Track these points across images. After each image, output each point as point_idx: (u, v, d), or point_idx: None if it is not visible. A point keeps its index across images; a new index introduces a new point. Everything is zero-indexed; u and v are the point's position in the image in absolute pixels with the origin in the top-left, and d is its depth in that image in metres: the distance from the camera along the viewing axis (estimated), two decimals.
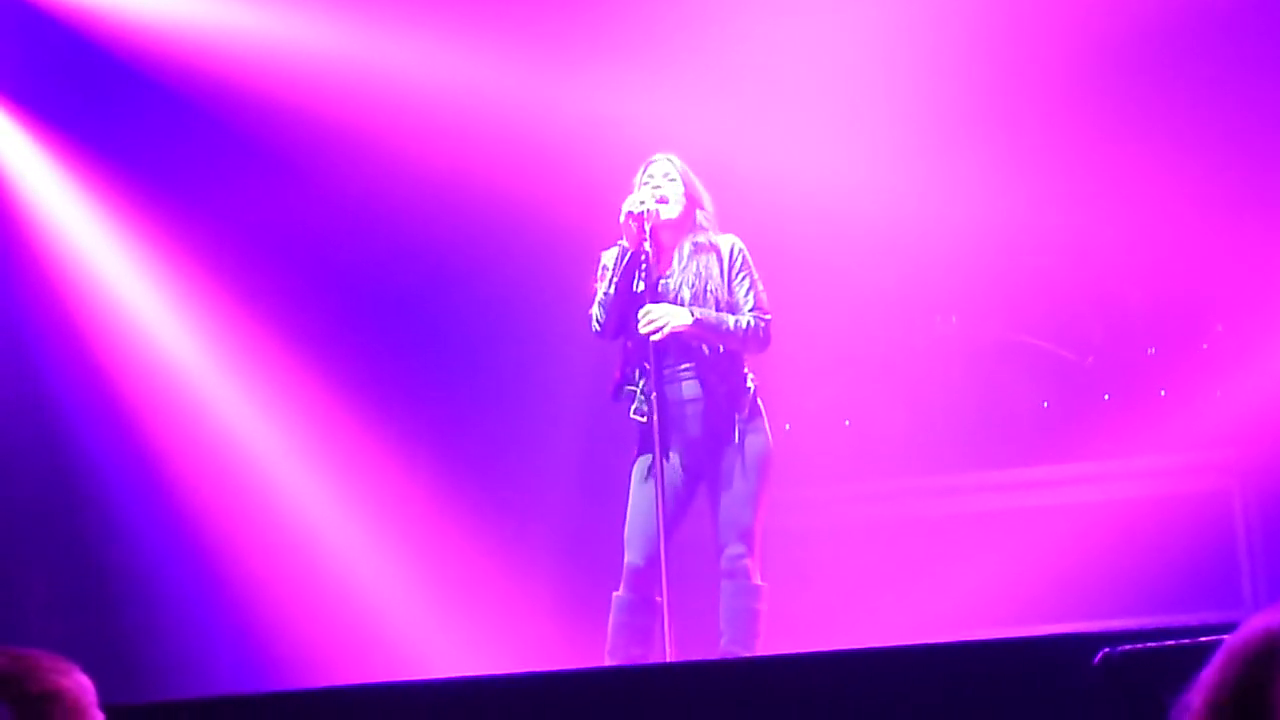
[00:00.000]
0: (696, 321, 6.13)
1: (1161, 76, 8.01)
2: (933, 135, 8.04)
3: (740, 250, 6.31)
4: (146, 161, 8.16)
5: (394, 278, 8.41)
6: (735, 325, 6.18)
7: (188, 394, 8.17)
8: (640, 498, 6.18)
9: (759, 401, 6.22)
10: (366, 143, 8.18)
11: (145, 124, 8.17)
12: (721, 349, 6.20)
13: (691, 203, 6.34)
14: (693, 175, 6.39)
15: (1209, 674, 2.09)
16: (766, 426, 6.22)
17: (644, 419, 6.14)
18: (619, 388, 6.27)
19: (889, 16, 8.07)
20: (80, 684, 2.30)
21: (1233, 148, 7.97)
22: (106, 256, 8.19)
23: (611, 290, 6.23)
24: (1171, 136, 7.95)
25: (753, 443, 6.17)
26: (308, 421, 8.20)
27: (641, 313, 6.14)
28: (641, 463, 6.21)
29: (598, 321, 6.28)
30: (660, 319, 6.12)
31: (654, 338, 6.11)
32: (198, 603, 8.01)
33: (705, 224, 6.35)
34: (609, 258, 6.34)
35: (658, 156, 6.39)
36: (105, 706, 2.34)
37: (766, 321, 6.24)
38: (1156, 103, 8.01)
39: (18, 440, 8.00)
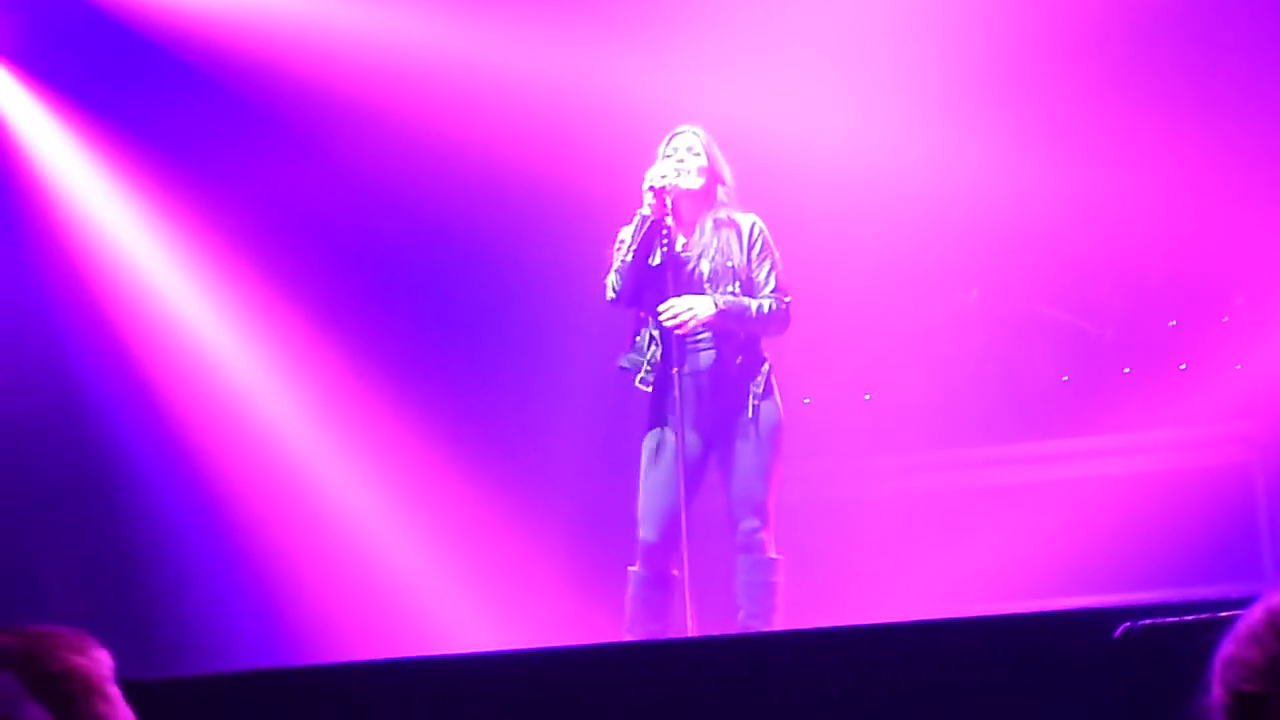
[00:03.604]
0: (720, 311, 6.11)
1: (1184, 48, 7.97)
2: (955, 107, 8.01)
3: (761, 230, 6.27)
4: (171, 140, 8.17)
5: (412, 252, 8.40)
6: (757, 310, 6.16)
7: (212, 370, 8.20)
8: (652, 472, 6.17)
9: (772, 375, 6.21)
10: (389, 119, 8.16)
11: (170, 102, 8.17)
12: (743, 336, 6.18)
13: (714, 178, 6.31)
14: (716, 149, 6.34)
15: (1229, 646, 2.08)
16: (778, 399, 6.21)
17: (649, 388, 6.12)
18: (627, 355, 6.24)
19: None
20: (96, 659, 2.29)
21: (1255, 120, 7.93)
22: (131, 235, 8.20)
23: (629, 258, 6.18)
24: (1193, 109, 7.91)
25: (765, 416, 6.15)
26: (329, 396, 8.22)
27: (664, 306, 6.11)
28: (652, 436, 6.20)
29: (613, 289, 6.23)
30: (685, 313, 6.10)
31: (678, 331, 6.09)
32: (220, 578, 8.04)
33: (726, 200, 6.32)
34: (626, 233, 6.32)
35: (683, 128, 6.35)
36: (123, 681, 2.34)
37: (787, 304, 6.22)
38: (1178, 75, 7.96)
39: (43, 417, 8.03)
